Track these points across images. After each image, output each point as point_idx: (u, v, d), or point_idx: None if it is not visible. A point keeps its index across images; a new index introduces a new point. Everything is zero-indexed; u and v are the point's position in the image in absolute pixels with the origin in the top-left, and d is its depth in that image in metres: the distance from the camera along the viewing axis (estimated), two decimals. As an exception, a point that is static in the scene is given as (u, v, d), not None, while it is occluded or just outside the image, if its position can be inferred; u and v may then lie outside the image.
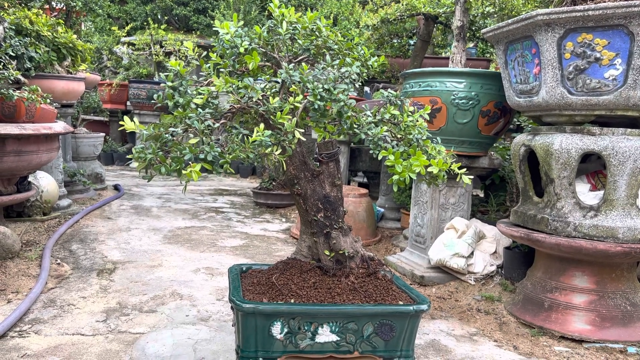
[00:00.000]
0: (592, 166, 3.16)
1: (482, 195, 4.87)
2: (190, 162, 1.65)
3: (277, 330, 1.86)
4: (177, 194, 6.80)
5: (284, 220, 5.65)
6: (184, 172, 1.63)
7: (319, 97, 1.80)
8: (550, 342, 2.78)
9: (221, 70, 2.00)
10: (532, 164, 3.07)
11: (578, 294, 2.86)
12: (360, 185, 6.77)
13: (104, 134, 6.81)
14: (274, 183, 6.20)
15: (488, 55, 8.00)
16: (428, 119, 2.10)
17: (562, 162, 2.76)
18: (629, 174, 2.65)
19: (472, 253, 3.57)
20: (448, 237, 3.60)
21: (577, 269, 2.88)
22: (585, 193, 2.94)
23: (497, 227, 3.24)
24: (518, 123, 5.33)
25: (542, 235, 2.83)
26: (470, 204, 3.87)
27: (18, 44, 4.07)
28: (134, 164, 1.78)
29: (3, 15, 4.17)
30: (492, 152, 4.03)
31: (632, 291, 2.89)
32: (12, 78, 3.71)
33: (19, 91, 3.65)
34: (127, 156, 1.79)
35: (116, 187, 6.80)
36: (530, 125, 4.21)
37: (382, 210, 5.38)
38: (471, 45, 7.88)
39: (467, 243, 3.53)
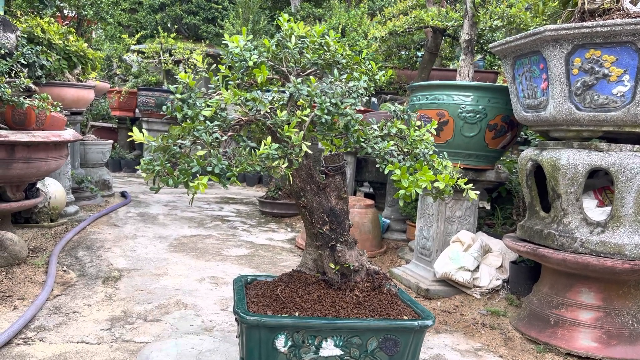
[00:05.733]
0: (600, 182, 3.15)
1: (488, 207, 4.85)
2: (197, 174, 1.66)
3: (281, 343, 1.86)
4: (184, 201, 6.83)
5: (289, 229, 5.65)
6: (191, 184, 1.64)
7: (326, 111, 1.81)
8: (555, 358, 2.75)
9: (230, 82, 2.02)
10: (539, 179, 3.06)
11: (584, 310, 2.84)
12: (366, 195, 6.77)
13: (112, 141, 6.86)
14: (280, 192, 6.21)
15: (496, 67, 7.99)
16: (435, 133, 2.10)
17: (569, 178, 2.75)
18: (636, 190, 2.64)
19: (477, 267, 3.55)
20: (454, 250, 3.59)
21: (584, 285, 2.86)
22: (593, 209, 2.93)
23: (504, 241, 3.23)
24: (525, 136, 5.32)
25: (548, 250, 2.81)
26: (476, 217, 3.86)
27: (30, 52, 4.12)
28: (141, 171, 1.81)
29: (15, 23, 4.22)
30: (499, 165, 4.02)
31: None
32: (23, 86, 3.76)
33: (29, 99, 3.69)
34: (135, 167, 1.80)
35: (123, 194, 6.83)
36: (537, 139, 4.20)
37: (388, 221, 5.37)
38: (479, 57, 7.89)
39: (472, 257, 3.52)
